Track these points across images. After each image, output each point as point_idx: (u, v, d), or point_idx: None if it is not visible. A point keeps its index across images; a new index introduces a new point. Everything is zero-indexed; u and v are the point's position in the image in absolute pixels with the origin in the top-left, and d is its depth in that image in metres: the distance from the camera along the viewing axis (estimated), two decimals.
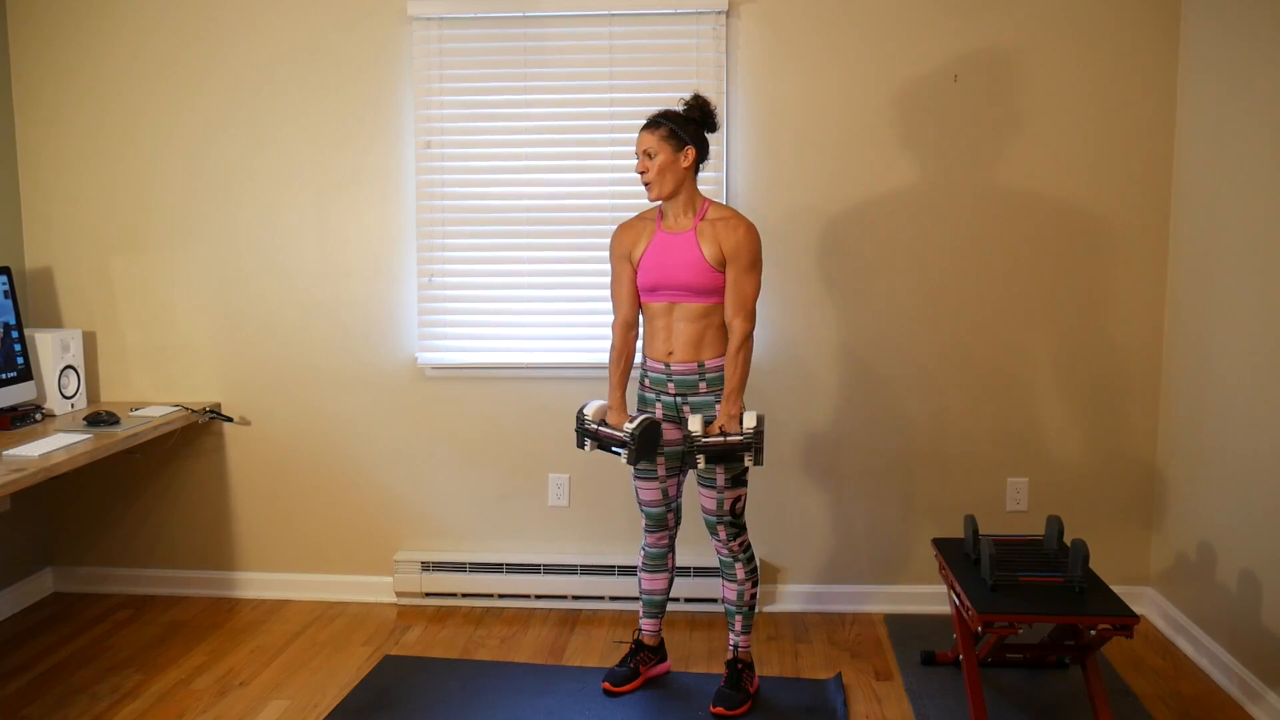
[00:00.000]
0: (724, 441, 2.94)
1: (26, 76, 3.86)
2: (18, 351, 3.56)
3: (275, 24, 3.78)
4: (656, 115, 3.04)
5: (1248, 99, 3.15)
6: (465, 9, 3.68)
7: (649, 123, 3.03)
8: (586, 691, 3.21)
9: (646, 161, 3.00)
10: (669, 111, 3.04)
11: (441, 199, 3.78)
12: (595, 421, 3.11)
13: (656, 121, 3.02)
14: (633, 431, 2.99)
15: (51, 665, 3.41)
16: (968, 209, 3.69)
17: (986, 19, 3.61)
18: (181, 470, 3.98)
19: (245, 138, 3.83)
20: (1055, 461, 3.76)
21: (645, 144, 3.00)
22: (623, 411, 3.13)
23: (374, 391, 3.89)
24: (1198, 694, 3.18)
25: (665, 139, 2.99)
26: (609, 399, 3.17)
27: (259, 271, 3.88)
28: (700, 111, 3.05)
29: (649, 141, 3.00)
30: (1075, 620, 2.73)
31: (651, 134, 3.00)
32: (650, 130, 3.01)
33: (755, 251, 3.00)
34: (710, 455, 2.95)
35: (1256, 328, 3.09)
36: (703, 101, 3.07)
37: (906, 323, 3.74)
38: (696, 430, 2.95)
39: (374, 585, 3.96)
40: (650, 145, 2.99)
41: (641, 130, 3.03)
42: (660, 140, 2.99)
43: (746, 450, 2.95)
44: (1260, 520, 3.06)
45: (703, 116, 3.06)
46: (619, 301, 3.16)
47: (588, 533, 3.90)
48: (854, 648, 3.54)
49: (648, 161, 3.00)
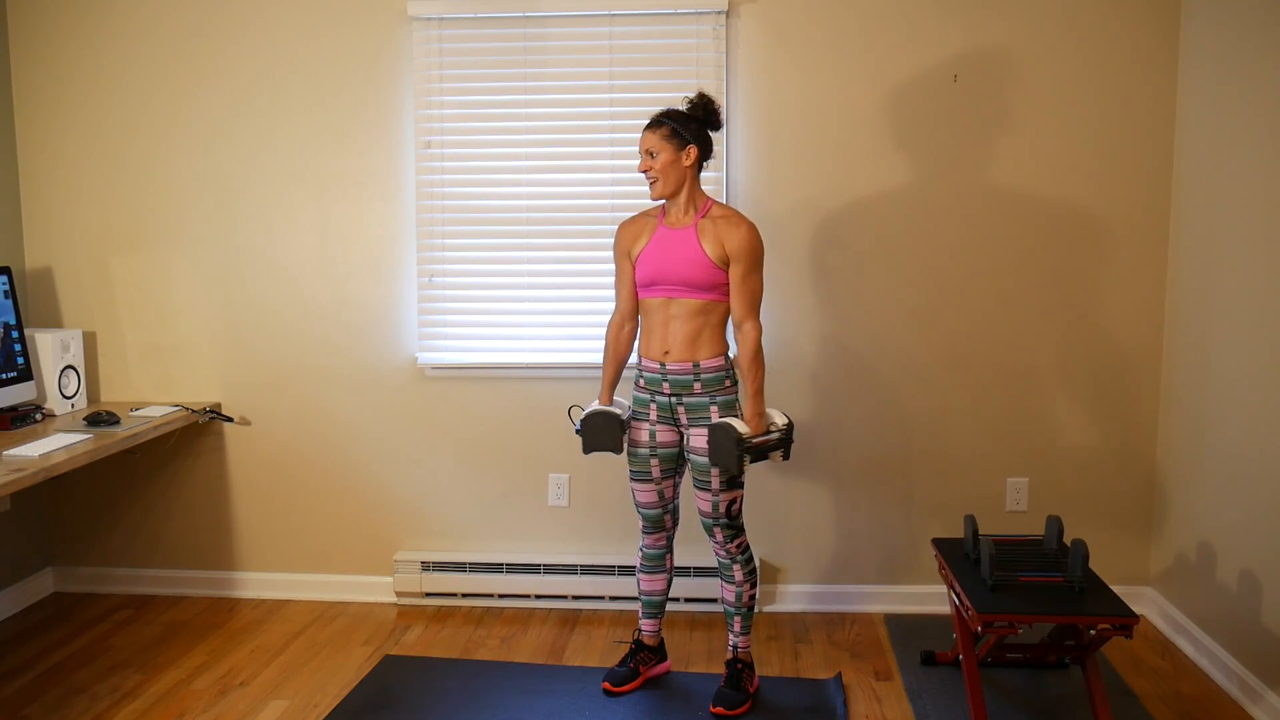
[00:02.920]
0: (766, 440, 2.99)
1: (26, 76, 3.86)
2: (18, 351, 3.56)
3: (275, 24, 3.78)
4: (659, 114, 3.05)
5: (1247, 99, 3.15)
6: (465, 9, 3.68)
7: (652, 122, 3.04)
8: (586, 691, 3.21)
9: (649, 160, 3.01)
10: (671, 110, 3.05)
11: (441, 199, 3.78)
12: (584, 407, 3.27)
13: (659, 121, 3.03)
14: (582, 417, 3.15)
15: (51, 665, 3.41)
16: (967, 208, 3.69)
17: (986, 19, 3.61)
18: (181, 470, 3.98)
19: (245, 138, 3.83)
20: (1055, 461, 3.76)
21: (648, 143, 3.02)
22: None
23: (374, 391, 3.89)
24: (1198, 694, 3.18)
25: (667, 138, 3.00)
26: (600, 397, 3.23)
27: (259, 271, 3.88)
28: (704, 110, 3.06)
29: (651, 141, 3.01)
30: (1075, 620, 2.73)
31: (654, 133, 3.01)
32: (653, 129, 3.02)
33: (759, 251, 3.01)
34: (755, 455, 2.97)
35: (1256, 327, 3.09)
36: (706, 100, 3.07)
37: (906, 322, 3.74)
38: (747, 432, 2.94)
39: (374, 585, 3.96)
40: (653, 144, 3.01)
41: (645, 129, 3.04)
42: (662, 139, 3.00)
43: (780, 447, 3.01)
44: (1260, 520, 3.06)
45: (706, 115, 3.06)
46: (618, 297, 3.19)
47: (588, 533, 3.90)
48: (854, 648, 3.54)
49: (650, 160, 3.01)
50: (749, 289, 3.01)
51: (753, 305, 3.02)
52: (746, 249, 2.98)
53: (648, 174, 3.03)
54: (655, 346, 3.08)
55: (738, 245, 2.98)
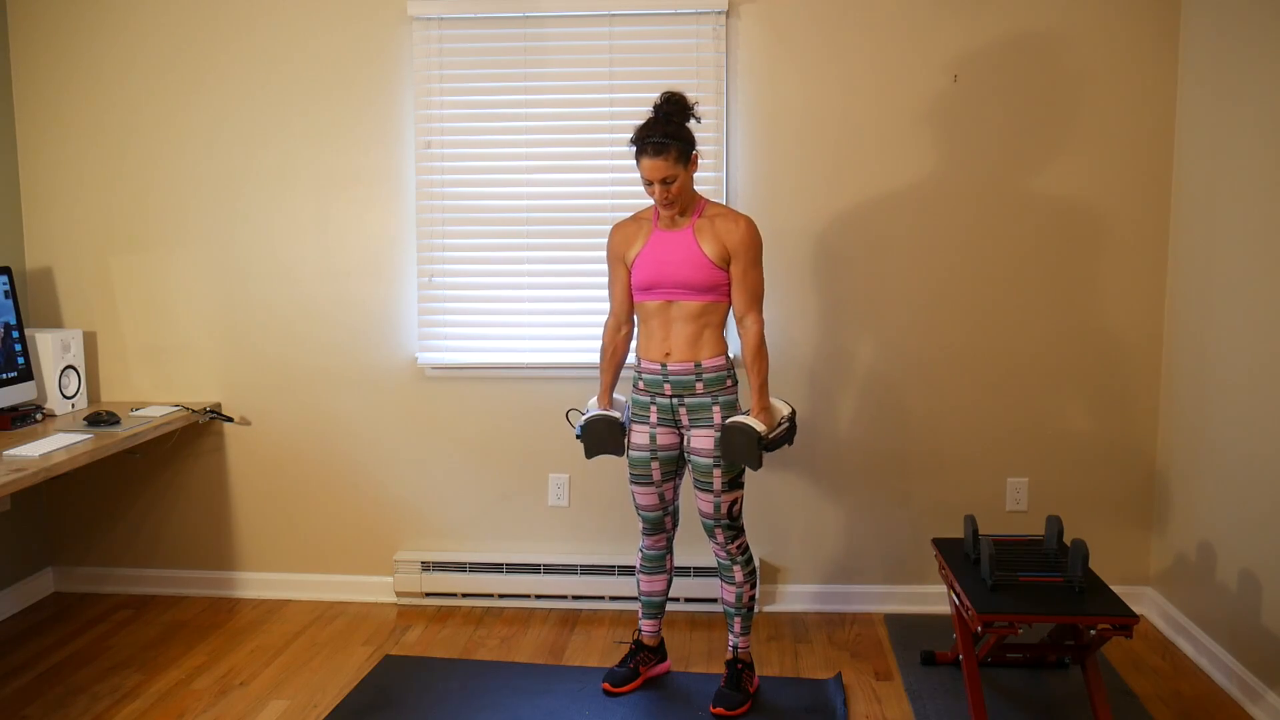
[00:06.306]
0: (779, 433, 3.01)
1: (26, 76, 3.86)
2: (18, 351, 3.56)
3: (275, 24, 3.78)
4: (659, 138, 2.88)
5: (1247, 99, 3.15)
6: (465, 9, 3.68)
7: (655, 148, 2.88)
8: (586, 691, 3.21)
9: (668, 190, 2.90)
10: (666, 129, 2.90)
11: (441, 199, 3.78)
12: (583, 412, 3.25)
13: (663, 145, 2.88)
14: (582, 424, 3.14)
15: (51, 665, 3.41)
16: (967, 208, 3.69)
17: (986, 19, 3.61)
18: (181, 470, 3.98)
19: (245, 138, 3.83)
20: (1055, 461, 3.76)
21: (662, 172, 2.88)
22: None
23: (374, 391, 3.89)
24: (1198, 694, 3.18)
25: (678, 159, 2.90)
26: (599, 400, 3.22)
27: (259, 271, 3.88)
28: (681, 111, 2.95)
29: (664, 169, 2.88)
30: (1075, 620, 2.73)
31: (665, 160, 2.88)
32: (661, 156, 2.87)
33: (758, 245, 3.00)
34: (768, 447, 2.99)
35: (1256, 327, 3.09)
36: (678, 98, 2.96)
37: (906, 321, 3.74)
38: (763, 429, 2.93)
39: (374, 585, 3.96)
40: (668, 172, 2.88)
41: (645, 158, 2.90)
42: (674, 163, 2.89)
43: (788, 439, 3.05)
44: (1260, 520, 3.06)
45: (685, 114, 2.96)
46: (612, 300, 3.17)
47: (588, 533, 3.90)
48: (854, 648, 3.54)
49: (667, 190, 2.90)
50: (750, 283, 3.00)
51: (754, 300, 3.01)
52: (746, 244, 2.97)
53: (664, 203, 2.93)
54: (656, 348, 3.07)
55: (737, 241, 2.97)
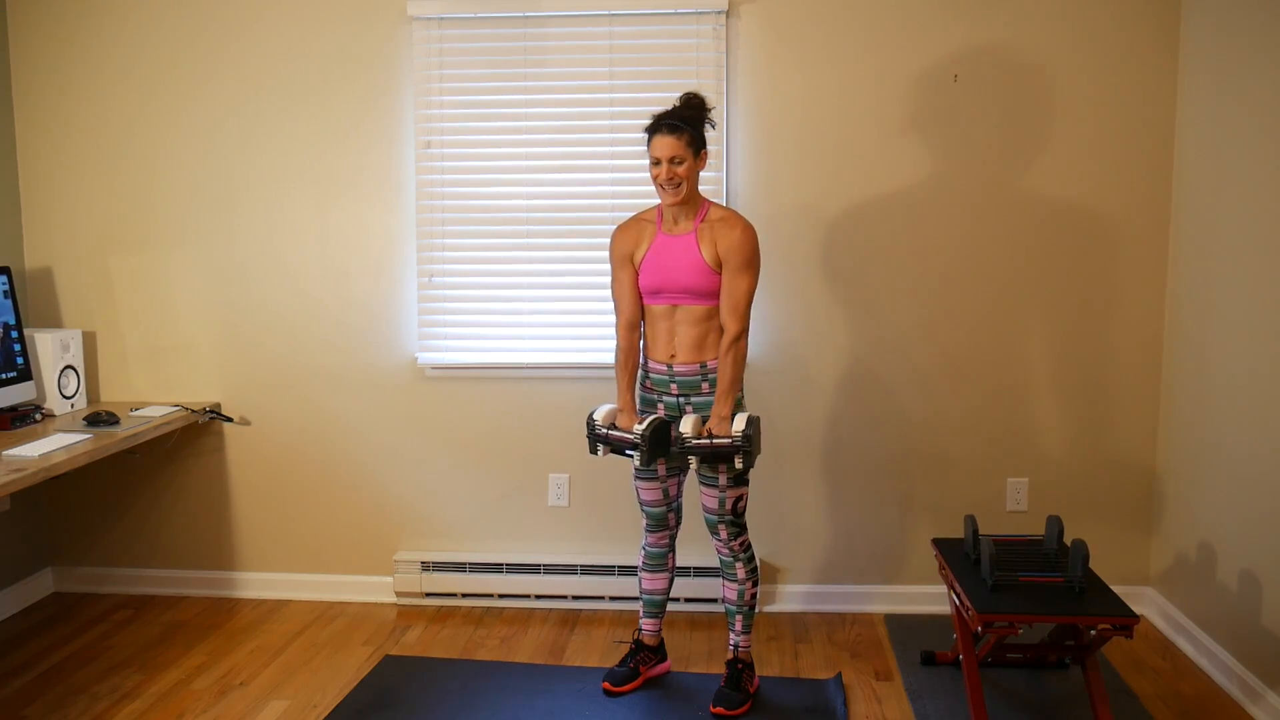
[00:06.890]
0: (710, 445, 2.93)
1: (26, 76, 3.86)
2: (18, 351, 3.56)
3: (275, 24, 3.78)
4: (674, 120, 2.94)
5: (1247, 99, 3.15)
6: (465, 9, 3.68)
7: (669, 127, 2.92)
8: (586, 691, 3.21)
9: (673, 169, 2.91)
10: (685, 115, 2.96)
11: (441, 199, 3.78)
12: (606, 426, 3.08)
13: (677, 126, 2.92)
14: (643, 433, 2.95)
15: (51, 665, 3.41)
16: (968, 209, 3.69)
17: (987, 19, 3.61)
18: (181, 470, 3.98)
19: (245, 138, 3.83)
20: (1055, 462, 3.76)
21: (671, 150, 2.90)
22: (633, 413, 3.10)
23: (374, 391, 3.89)
24: (1198, 694, 3.18)
25: (690, 145, 2.92)
26: (618, 401, 3.14)
27: (259, 271, 3.88)
28: (701, 108, 3.01)
29: (676, 148, 2.90)
30: (1075, 620, 2.73)
31: (677, 139, 2.90)
32: (674, 135, 2.91)
33: (749, 252, 2.97)
34: (701, 457, 2.95)
35: (1256, 328, 3.09)
36: (700, 98, 3.02)
37: (907, 322, 3.74)
38: (688, 431, 2.94)
39: (374, 585, 3.96)
40: (677, 151, 2.90)
41: (659, 135, 2.93)
42: (685, 146, 2.91)
43: (735, 454, 2.92)
44: (1260, 520, 3.06)
45: (704, 111, 3.02)
46: (621, 303, 3.14)
47: (588, 533, 3.90)
48: (854, 648, 3.54)
49: (674, 169, 2.91)
50: (734, 289, 2.95)
51: (735, 307, 2.95)
52: (737, 249, 2.95)
53: (669, 183, 2.93)
54: (662, 350, 3.07)
55: (729, 245, 2.96)
